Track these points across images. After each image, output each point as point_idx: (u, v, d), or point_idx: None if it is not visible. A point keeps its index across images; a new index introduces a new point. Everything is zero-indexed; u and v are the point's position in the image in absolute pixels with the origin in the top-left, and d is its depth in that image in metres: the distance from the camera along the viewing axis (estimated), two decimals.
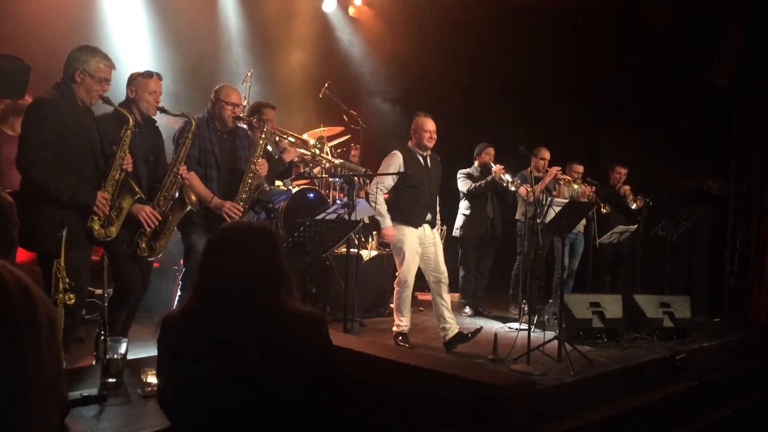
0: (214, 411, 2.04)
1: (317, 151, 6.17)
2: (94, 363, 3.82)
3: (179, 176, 4.14)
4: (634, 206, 7.38)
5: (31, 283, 0.90)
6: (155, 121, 4.27)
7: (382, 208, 5.29)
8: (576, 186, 7.10)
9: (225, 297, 2.12)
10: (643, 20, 8.09)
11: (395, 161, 5.32)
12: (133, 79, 4.11)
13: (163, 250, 4.17)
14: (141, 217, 3.93)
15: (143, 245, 4.02)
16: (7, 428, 0.81)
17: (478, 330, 5.30)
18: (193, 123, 4.23)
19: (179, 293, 4.50)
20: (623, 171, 7.66)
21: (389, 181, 5.33)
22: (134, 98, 4.08)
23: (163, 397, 2.24)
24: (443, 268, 5.37)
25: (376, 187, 5.31)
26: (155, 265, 6.01)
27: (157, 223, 3.98)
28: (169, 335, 2.14)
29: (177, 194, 4.20)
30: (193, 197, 4.21)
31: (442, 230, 6.96)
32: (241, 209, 4.44)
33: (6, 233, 2.19)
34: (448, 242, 7.05)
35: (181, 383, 2.08)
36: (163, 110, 4.15)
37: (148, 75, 4.12)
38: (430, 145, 5.39)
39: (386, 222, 5.27)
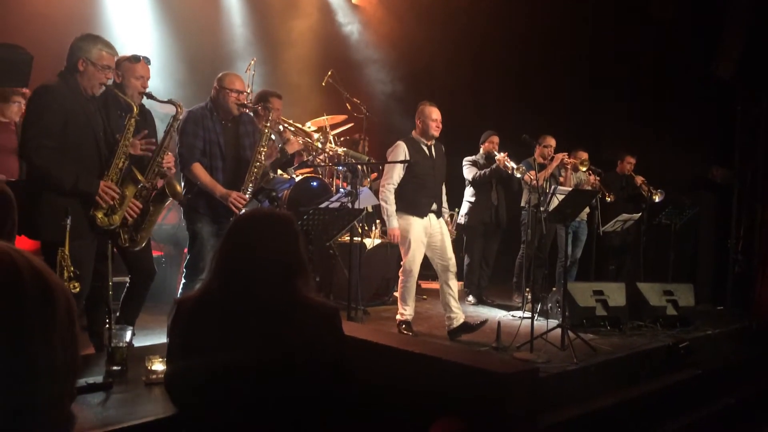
0: (223, 398, 2.05)
1: (320, 145, 6.16)
2: (94, 352, 3.85)
3: (163, 167, 4.03)
4: (656, 198, 7.32)
5: (47, 270, 0.88)
6: (144, 106, 4.16)
7: (391, 208, 5.24)
8: (583, 169, 7.06)
9: (242, 285, 2.12)
10: (648, 8, 8.04)
11: (399, 151, 5.29)
12: (120, 64, 3.99)
13: (145, 242, 4.01)
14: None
15: (124, 236, 3.90)
16: (17, 422, 0.81)
17: (484, 322, 5.30)
18: (179, 110, 4.12)
19: (183, 281, 4.50)
20: (632, 161, 7.64)
21: (397, 175, 5.28)
22: (120, 83, 3.99)
23: (171, 382, 2.24)
24: (450, 255, 5.35)
25: (387, 184, 5.27)
26: (159, 253, 6.05)
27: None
28: (182, 320, 2.14)
29: (163, 185, 4.08)
30: (178, 189, 4.11)
31: (453, 215, 6.97)
32: (247, 199, 4.43)
33: (11, 223, 2.20)
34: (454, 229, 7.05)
35: (191, 369, 2.08)
36: (149, 96, 4.05)
37: (135, 59, 4.03)
38: (437, 134, 5.36)
39: (393, 223, 5.24)
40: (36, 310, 0.83)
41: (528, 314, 5.29)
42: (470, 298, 7.07)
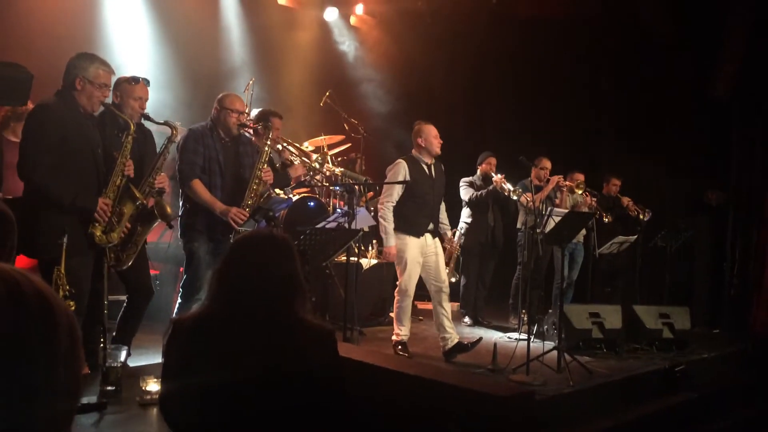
0: (218, 419, 2.04)
1: (317, 165, 6.18)
2: (89, 371, 3.83)
3: (154, 187, 4.04)
4: (644, 218, 7.35)
5: (51, 292, 0.89)
6: (143, 125, 4.18)
7: (390, 226, 5.24)
8: (579, 192, 7.09)
9: (241, 306, 2.12)
10: (644, 31, 8.12)
11: (400, 170, 5.29)
12: (119, 85, 4.03)
13: (131, 261, 4.01)
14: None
15: (111, 254, 3.90)
16: None
17: (478, 341, 5.29)
18: (174, 132, 4.14)
19: (179, 301, 4.49)
20: (618, 182, 7.68)
21: (396, 194, 5.28)
22: (119, 103, 4.01)
23: (166, 403, 2.23)
24: (444, 276, 5.35)
25: (386, 203, 5.27)
26: (155, 272, 6.04)
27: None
28: (179, 340, 2.14)
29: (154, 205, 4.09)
30: (167, 210, 4.11)
31: (458, 236, 6.96)
32: (247, 215, 4.45)
33: (11, 244, 2.20)
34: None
35: (187, 390, 2.07)
36: (147, 117, 4.08)
37: (134, 81, 4.06)
38: (440, 151, 5.39)
39: (390, 241, 5.24)
40: (38, 332, 0.84)
41: (524, 336, 5.27)
42: (466, 319, 7.05)
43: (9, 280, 0.85)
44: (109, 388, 2.80)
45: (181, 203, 4.59)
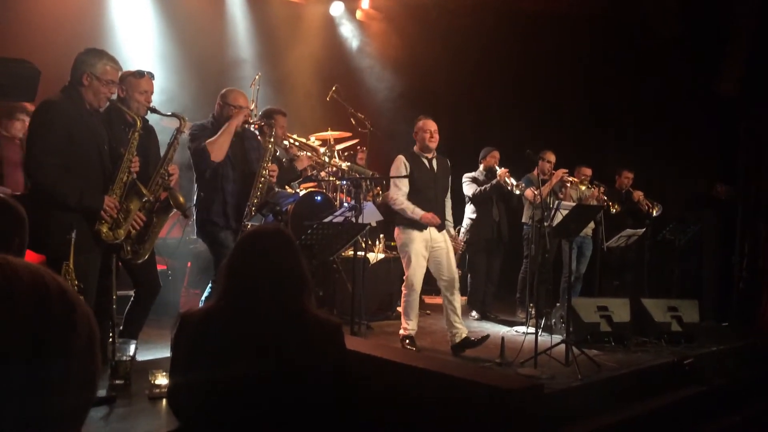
0: (226, 412, 2.05)
1: (327, 159, 6.18)
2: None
3: (167, 177, 4.04)
4: (654, 212, 7.33)
5: (73, 292, 0.90)
6: (147, 121, 4.16)
7: (410, 205, 5.23)
8: (583, 188, 7.07)
9: (248, 300, 2.13)
10: (650, 26, 8.08)
11: (399, 164, 5.33)
12: (124, 79, 4.01)
13: (148, 253, 4.03)
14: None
15: (128, 248, 3.91)
16: None
17: (486, 337, 5.28)
18: (182, 123, 4.14)
19: (207, 291, 4.49)
20: (630, 175, 7.65)
21: (404, 187, 5.29)
22: (124, 98, 4.01)
23: (175, 396, 2.24)
24: (453, 270, 5.34)
25: (397, 194, 5.27)
26: (163, 267, 6.06)
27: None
28: (187, 334, 2.15)
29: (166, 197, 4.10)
30: (181, 200, 4.11)
31: (462, 233, 6.95)
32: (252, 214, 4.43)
33: (20, 239, 2.21)
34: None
35: (196, 383, 2.08)
36: (153, 110, 4.08)
37: (139, 74, 4.05)
38: (432, 145, 5.37)
39: (418, 212, 5.21)
40: (59, 329, 0.85)
41: (532, 330, 5.27)
42: (474, 313, 7.04)
43: (38, 279, 0.85)
44: (118, 381, 2.81)
45: (195, 202, 4.60)
